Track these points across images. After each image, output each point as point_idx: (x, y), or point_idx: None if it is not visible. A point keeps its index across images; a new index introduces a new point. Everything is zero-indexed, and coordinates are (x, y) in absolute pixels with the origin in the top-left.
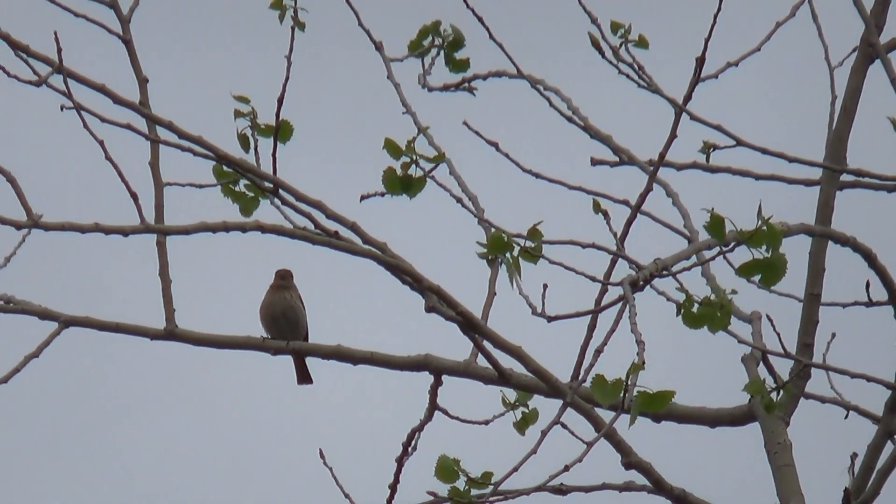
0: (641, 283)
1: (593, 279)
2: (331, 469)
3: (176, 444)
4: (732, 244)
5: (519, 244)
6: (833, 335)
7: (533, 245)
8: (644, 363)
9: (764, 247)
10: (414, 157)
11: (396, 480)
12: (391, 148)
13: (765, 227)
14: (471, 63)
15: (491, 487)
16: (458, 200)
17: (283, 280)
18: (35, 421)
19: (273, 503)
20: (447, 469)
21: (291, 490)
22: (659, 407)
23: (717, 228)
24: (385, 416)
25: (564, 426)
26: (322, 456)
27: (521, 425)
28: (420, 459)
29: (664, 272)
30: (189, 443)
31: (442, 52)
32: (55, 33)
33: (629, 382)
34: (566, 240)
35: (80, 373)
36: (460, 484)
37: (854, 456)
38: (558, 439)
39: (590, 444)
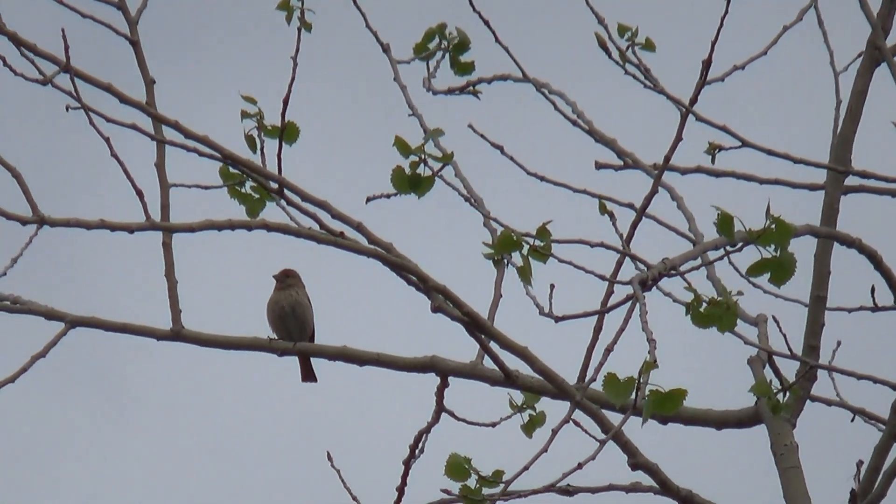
0: (650, 282)
1: (602, 277)
2: (338, 471)
3: (182, 445)
4: (741, 243)
5: (528, 243)
6: (839, 343)
7: (542, 244)
8: (656, 361)
9: (772, 246)
10: (423, 157)
11: (404, 483)
12: (401, 146)
13: (773, 227)
14: (476, 66)
15: (502, 486)
16: (467, 199)
17: (287, 279)
18: (41, 420)
19: None
20: (458, 467)
21: (299, 491)
22: (672, 407)
23: (727, 226)
24: (392, 418)
25: (577, 423)
26: (330, 458)
27: (529, 428)
28: (427, 461)
29: (672, 272)
30: (195, 443)
31: (447, 55)
32: (62, 31)
33: (641, 381)
34: (575, 239)
35: (86, 373)
36: (471, 482)
37: (860, 463)
38: (564, 441)
39: (603, 442)
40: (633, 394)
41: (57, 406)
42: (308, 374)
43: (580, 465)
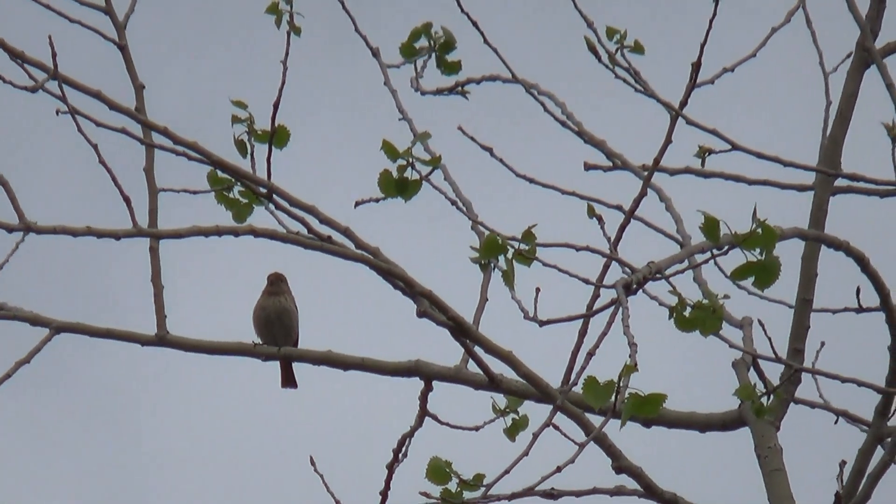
0: (635, 286)
1: (587, 281)
2: (321, 476)
3: (167, 450)
4: (726, 247)
5: (513, 247)
6: (822, 343)
7: (527, 248)
8: (636, 365)
9: (758, 250)
10: (410, 160)
11: (387, 487)
12: (389, 150)
13: (759, 230)
14: (465, 67)
15: (483, 489)
16: (454, 203)
17: (274, 285)
18: (26, 427)
19: None
20: (439, 471)
21: (282, 496)
22: (651, 411)
23: (712, 230)
24: (376, 422)
25: (556, 427)
26: (313, 462)
27: (512, 431)
28: (411, 466)
29: (657, 275)
30: (180, 448)
31: (433, 55)
32: (49, 38)
33: (621, 384)
34: (560, 243)
35: (70, 379)
36: (452, 486)
37: (843, 463)
38: (548, 445)
39: (582, 445)
40: (613, 397)
41: (40, 413)
42: (288, 380)
43: (559, 469)
